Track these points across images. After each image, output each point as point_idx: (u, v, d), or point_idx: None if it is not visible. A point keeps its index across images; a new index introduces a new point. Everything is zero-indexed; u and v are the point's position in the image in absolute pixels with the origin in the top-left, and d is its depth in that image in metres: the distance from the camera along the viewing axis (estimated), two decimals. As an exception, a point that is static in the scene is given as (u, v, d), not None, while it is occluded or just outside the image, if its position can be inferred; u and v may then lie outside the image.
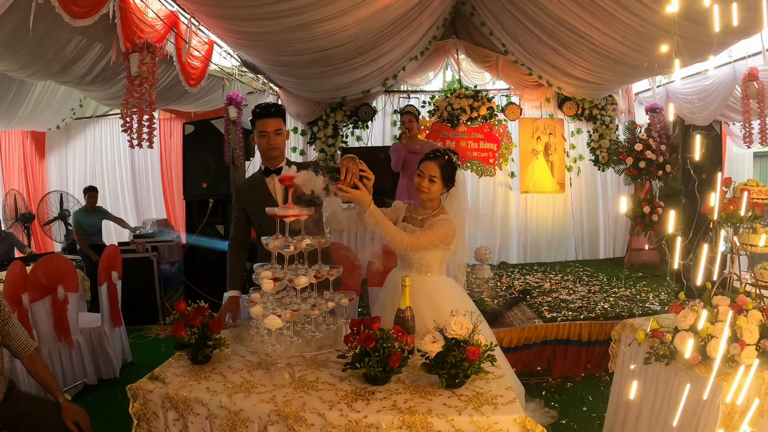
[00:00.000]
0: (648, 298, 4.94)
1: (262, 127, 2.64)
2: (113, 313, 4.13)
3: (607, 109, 6.98)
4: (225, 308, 2.61)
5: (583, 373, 4.29)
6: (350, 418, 1.72)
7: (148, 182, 8.31)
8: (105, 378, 4.08)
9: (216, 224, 6.01)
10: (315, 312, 2.00)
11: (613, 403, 3.19)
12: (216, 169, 5.93)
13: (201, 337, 2.00)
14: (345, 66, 5.10)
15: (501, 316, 4.59)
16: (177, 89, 4.74)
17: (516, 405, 1.77)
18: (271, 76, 5.64)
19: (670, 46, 4.06)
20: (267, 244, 2.01)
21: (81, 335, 3.88)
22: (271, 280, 1.85)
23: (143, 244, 5.72)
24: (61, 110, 7.22)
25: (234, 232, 2.87)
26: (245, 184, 2.90)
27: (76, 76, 4.25)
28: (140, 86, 3.11)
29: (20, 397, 2.38)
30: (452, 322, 1.87)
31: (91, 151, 8.38)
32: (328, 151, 6.91)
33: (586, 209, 7.46)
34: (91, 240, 6.32)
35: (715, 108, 5.75)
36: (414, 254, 2.60)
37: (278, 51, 4.41)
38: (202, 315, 2.01)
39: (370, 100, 6.89)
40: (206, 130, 5.99)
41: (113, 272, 4.09)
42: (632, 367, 2.74)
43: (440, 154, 2.62)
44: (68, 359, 3.73)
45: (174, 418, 1.87)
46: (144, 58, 3.13)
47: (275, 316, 1.79)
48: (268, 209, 2.09)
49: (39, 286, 3.47)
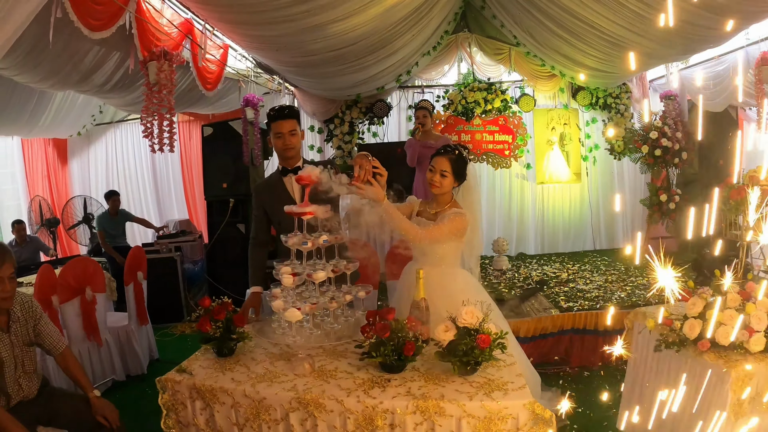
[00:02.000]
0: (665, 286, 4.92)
1: (278, 129, 2.74)
2: (140, 312, 4.29)
3: (621, 98, 6.93)
4: (248, 304, 2.73)
5: (600, 362, 4.30)
6: (367, 404, 1.81)
7: (170, 184, 8.46)
8: (133, 374, 4.24)
9: (237, 223, 6.12)
10: (333, 305, 2.09)
11: (627, 390, 3.21)
12: (235, 170, 6.04)
13: (225, 331, 2.11)
14: (358, 64, 5.18)
15: (518, 306, 4.64)
16: (194, 93, 4.87)
17: (525, 391, 1.84)
18: (286, 76, 5.75)
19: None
20: (286, 241, 2.11)
21: (109, 334, 4.04)
22: (291, 275, 1.95)
23: (166, 244, 5.88)
24: (81, 117, 7.39)
25: (255, 231, 2.98)
26: (264, 184, 3.01)
27: (96, 85, 4.37)
28: (159, 93, 3.23)
29: (53, 394, 2.51)
30: (463, 311, 1.94)
31: (113, 156, 8.55)
32: (345, 148, 7.00)
33: (602, 199, 7.43)
34: (116, 242, 6.50)
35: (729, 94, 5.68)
36: (428, 247, 2.67)
37: (292, 52, 4.51)
38: (226, 310, 2.12)
39: (385, 96, 6.96)
40: (224, 132, 6.09)
41: (139, 272, 4.25)
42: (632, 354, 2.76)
43: (451, 149, 2.69)
44: (97, 357, 3.89)
45: (201, 408, 1.99)
46: (162, 66, 3.25)
47: (295, 309, 1.89)
48: (286, 207, 2.19)
49: (68, 287, 3.63)
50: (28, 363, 2.40)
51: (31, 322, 2.43)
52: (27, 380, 2.40)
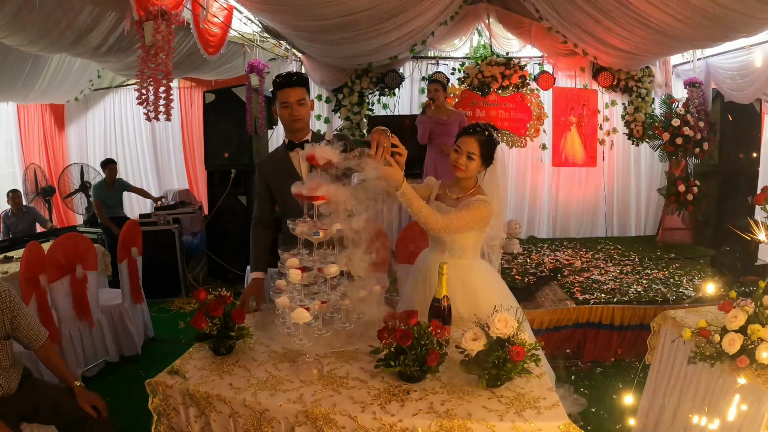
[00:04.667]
0: (682, 282, 4.72)
1: (284, 98, 2.46)
2: (134, 290, 4.06)
3: (643, 81, 6.62)
4: (248, 291, 2.49)
5: (613, 357, 4.15)
6: (384, 422, 1.59)
7: (169, 152, 8.21)
8: (127, 355, 4.04)
9: (238, 195, 5.92)
10: (346, 302, 1.85)
11: (647, 397, 3.05)
12: (238, 139, 5.81)
13: (223, 328, 1.87)
14: (372, 31, 4.85)
15: (532, 295, 4.45)
16: (195, 57, 4.57)
17: (560, 410, 1.63)
18: (294, 41, 5.41)
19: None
20: (293, 229, 1.86)
21: (102, 313, 3.82)
22: (299, 270, 1.70)
23: (164, 216, 5.65)
24: (78, 82, 7.09)
25: (258, 210, 2.72)
26: (268, 159, 2.74)
27: (91, 47, 4.10)
28: (156, 56, 2.94)
29: (35, 386, 2.31)
30: (496, 319, 1.71)
31: (111, 122, 8.26)
32: (353, 119, 6.68)
33: (617, 185, 7.17)
34: (113, 213, 6.26)
35: (760, 86, 5.37)
36: (447, 236, 2.43)
37: (301, 16, 4.20)
38: (223, 304, 1.88)
39: (398, 66, 6.62)
40: (227, 99, 5.83)
41: (133, 248, 4.00)
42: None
43: (480, 128, 2.41)
44: (89, 338, 3.68)
45: (195, 415, 1.76)
46: (159, 26, 2.95)
47: (303, 309, 1.65)
48: (294, 188, 1.93)
49: (57, 265, 3.38)
50: (3, 358, 2.19)
51: (7, 315, 2.20)
52: (5, 376, 2.19)
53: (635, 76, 6.60)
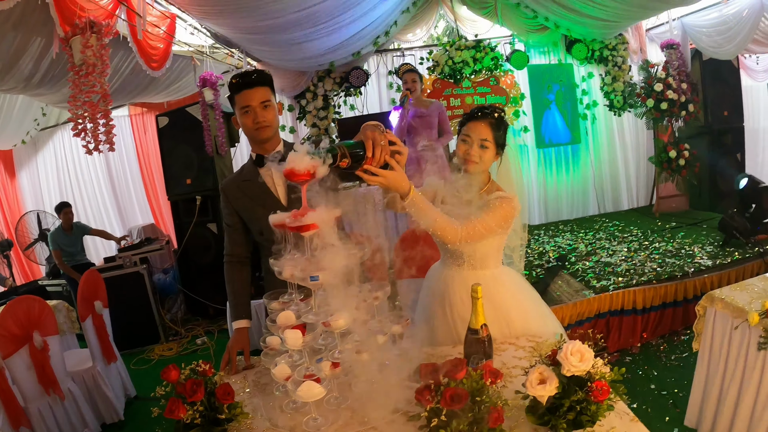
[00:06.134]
0: (694, 251, 4.44)
1: (245, 102, 2.01)
2: (105, 350, 3.53)
3: (618, 49, 6.36)
4: (233, 345, 2.00)
5: (639, 343, 3.85)
6: None
7: (128, 186, 7.64)
8: (108, 422, 3.51)
9: (207, 223, 5.40)
10: (363, 356, 1.41)
11: (699, 388, 2.75)
12: (199, 162, 5.29)
13: (208, 411, 1.41)
14: (331, 25, 4.41)
15: (545, 289, 4.09)
16: (141, 77, 4.08)
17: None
18: (246, 48, 4.93)
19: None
20: (280, 273, 1.41)
21: (72, 382, 3.27)
22: (299, 330, 1.24)
23: (129, 257, 5.12)
24: (23, 123, 6.49)
25: (229, 245, 2.24)
26: (233, 181, 2.21)
27: (23, 77, 3.59)
28: (87, 76, 2.44)
29: None
30: (568, 352, 1.30)
31: (63, 162, 7.64)
32: (320, 125, 6.23)
33: (605, 159, 6.88)
34: (75, 260, 5.69)
35: (741, 41, 5.12)
36: (466, 246, 2.01)
37: (251, 16, 3.73)
38: (204, 382, 1.40)
39: (361, 63, 6.19)
40: (182, 120, 5.33)
41: (96, 302, 3.46)
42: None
43: (488, 110, 2.00)
44: (62, 413, 3.13)
45: None
46: (88, 41, 2.46)
47: (312, 382, 1.20)
48: (273, 219, 1.48)
49: (10, 337, 2.84)
50: None
51: None
52: None
53: (609, 45, 6.35)
